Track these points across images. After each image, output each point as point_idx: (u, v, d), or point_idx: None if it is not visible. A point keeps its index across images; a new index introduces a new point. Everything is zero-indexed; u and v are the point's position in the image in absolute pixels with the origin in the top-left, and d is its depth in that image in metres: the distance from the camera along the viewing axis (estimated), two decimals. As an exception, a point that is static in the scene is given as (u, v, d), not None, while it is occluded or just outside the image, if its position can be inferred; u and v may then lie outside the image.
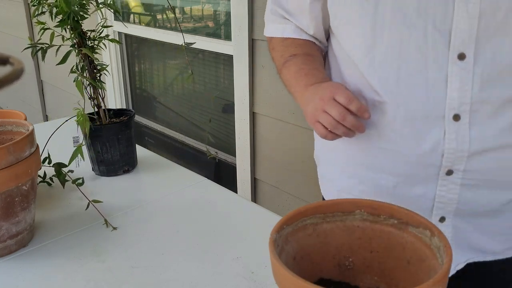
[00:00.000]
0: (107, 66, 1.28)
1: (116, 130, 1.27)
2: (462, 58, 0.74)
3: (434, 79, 0.76)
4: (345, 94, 0.79)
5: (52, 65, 1.32)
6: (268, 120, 1.85)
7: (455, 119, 0.77)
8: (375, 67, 0.81)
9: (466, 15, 0.72)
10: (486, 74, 0.74)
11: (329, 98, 0.79)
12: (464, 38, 0.73)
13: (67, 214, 1.13)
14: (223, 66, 2.20)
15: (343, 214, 0.69)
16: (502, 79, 0.74)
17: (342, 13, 0.84)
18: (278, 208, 1.93)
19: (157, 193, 1.22)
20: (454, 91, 0.76)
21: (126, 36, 2.73)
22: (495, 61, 0.73)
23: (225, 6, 2.13)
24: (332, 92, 0.80)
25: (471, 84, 0.75)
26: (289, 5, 0.95)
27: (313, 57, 0.93)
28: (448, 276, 0.55)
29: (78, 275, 0.91)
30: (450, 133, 0.78)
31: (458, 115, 0.77)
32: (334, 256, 0.69)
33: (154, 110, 2.77)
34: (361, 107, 0.79)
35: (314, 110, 0.82)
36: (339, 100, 0.79)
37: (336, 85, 0.83)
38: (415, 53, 0.76)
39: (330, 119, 0.79)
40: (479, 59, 0.74)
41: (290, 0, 0.95)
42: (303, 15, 0.93)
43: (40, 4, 1.17)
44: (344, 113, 0.78)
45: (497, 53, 0.73)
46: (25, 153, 0.94)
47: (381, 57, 0.80)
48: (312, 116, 0.83)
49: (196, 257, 0.96)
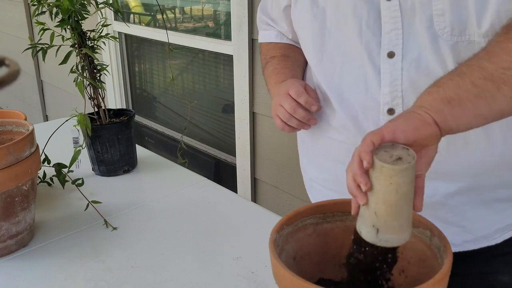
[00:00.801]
0: (107, 66, 1.28)
1: (116, 130, 1.27)
2: (392, 56, 0.79)
3: (371, 75, 0.81)
4: (295, 89, 0.87)
5: (52, 65, 1.32)
6: (268, 120, 1.85)
7: (390, 113, 0.81)
8: (323, 64, 0.87)
9: (390, 17, 0.78)
10: (414, 70, 0.78)
11: (284, 93, 0.88)
12: (391, 38, 0.78)
13: (67, 214, 1.13)
14: (223, 66, 2.20)
15: (343, 214, 0.69)
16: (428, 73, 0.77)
17: (296, 18, 0.91)
18: (278, 208, 1.93)
19: (157, 193, 1.22)
20: (386, 86, 0.80)
21: (126, 36, 2.73)
22: (420, 57, 0.77)
23: (225, 6, 2.13)
24: (287, 88, 0.88)
25: (401, 79, 0.79)
26: (273, 13, 1.03)
27: (288, 57, 1.01)
28: (448, 276, 0.55)
29: (78, 275, 0.91)
30: None
31: (392, 109, 0.81)
32: (334, 256, 0.69)
33: (154, 110, 2.77)
34: (308, 100, 0.86)
35: (274, 104, 0.91)
36: (291, 94, 0.87)
37: (293, 81, 0.90)
38: (354, 51, 0.82)
39: (284, 111, 0.87)
40: (407, 57, 0.78)
41: (274, 8, 1.02)
42: (282, 21, 1.01)
43: (40, 4, 1.17)
44: (294, 106, 0.86)
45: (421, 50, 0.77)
46: (25, 153, 0.94)
47: (328, 56, 0.86)
48: (273, 110, 0.91)
49: (196, 257, 0.96)
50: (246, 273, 0.91)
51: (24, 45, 1.23)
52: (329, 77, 0.87)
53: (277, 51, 1.03)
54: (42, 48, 1.20)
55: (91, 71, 1.25)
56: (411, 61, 0.78)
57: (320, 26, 0.85)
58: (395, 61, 0.79)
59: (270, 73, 1.00)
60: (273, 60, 1.02)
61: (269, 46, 1.05)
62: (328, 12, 0.84)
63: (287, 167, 1.84)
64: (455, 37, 0.74)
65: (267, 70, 1.02)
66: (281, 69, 0.98)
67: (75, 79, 1.23)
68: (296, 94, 0.86)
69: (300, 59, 1.02)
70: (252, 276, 0.90)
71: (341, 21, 0.83)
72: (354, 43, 0.82)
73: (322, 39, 0.86)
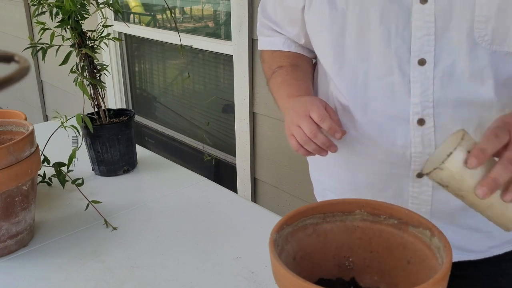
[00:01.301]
0: (107, 66, 1.28)
1: (116, 130, 1.27)
2: (423, 63, 0.75)
3: (399, 84, 0.78)
4: (318, 112, 0.79)
5: (52, 65, 1.32)
6: (268, 120, 1.85)
7: (420, 124, 0.78)
8: (344, 72, 0.83)
9: (423, 22, 0.74)
10: (447, 79, 0.75)
11: (304, 113, 0.80)
12: (423, 44, 0.75)
13: (67, 214, 1.13)
14: (223, 66, 2.20)
15: (343, 214, 0.69)
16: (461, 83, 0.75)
17: (313, 21, 0.86)
18: (278, 208, 1.93)
19: (157, 193, 1.22)
20: (416, 96, 0.77)
21: (126, 36, 2.73)
22: (454, 65, 0.74)
23: (225, 6, 2.13)
24: (308, 108, 0.81)
25: (432, 89, 0.76)
26: (278, 17, 0.96)
27: (298, 67, 0.95)
28: (448, 276, 0.55)
29: (78, 275, 0.91)
30: (415, 137, 0.79)
31: (422, 120, 0.78)
32: (334, 256, 0.69)
33: (154, 110, 2.77)
34: (332, 126, 0.79)
35: (289, 122, 0.83)
36: (313, 117, 0.79)
37: (313, 101, 0.83)
38: (380, 58, 0.78)
39: (302, 134, 0.80)
40: (439, 65, 0.75)
41: (278, 12, 0.95)
42: (292, 25, 0.94)
43: (40, 4, 1.17)
44: (315, 130, 0.79)
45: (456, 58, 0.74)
46: (25, 153, 0.94)
47: (350, 63, 0.82)
48: (288, 128, 0.84)
49: (196, 257, 0.96)
50: (246, 273, 0.91)
51: (24, 45, 1.23)
52: (351, 86, 0.83)
53: (285, 60, 0.97)
54: (42, 47, 1.20)
55: (91, 71, 1.25)
56: (444, 69, 0.75)
57: (340, 31, 0.81)
58: (427, 69, 0.75)
59: (280, 84, 0.94)
60: (281, 70, 0.95)
61: (275, 55, 0.99)
62: (349, 15, 0.79)
63: (287, 167, 1.84)
64: (495, 46, 0.72)
65: (274, 81, 0.96)
66: (292, 80, 0.93)
67: (75, 79, 1.23)
68: (319, 118, 0.79)
69: (309, 70, 0.97)
70: (252, 276, 0.90)
71: (364, 25, 0.78)
72: (380, 49, 0.78)
73: (342, 46, 0.81)
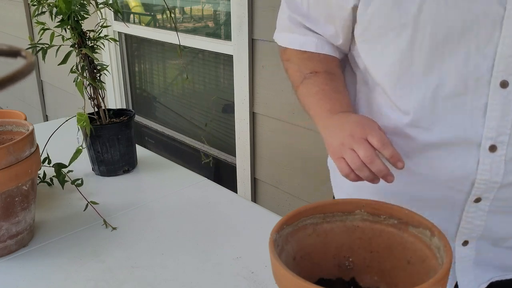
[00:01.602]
0: (107, 66, 1.28)
1: (116, 130, 1.27)
2: (505, 86, 0.68)
3: (473, 106, 0.71)
4: (379, 136, 0.72)
5: (52, 65, 1.32)
6: (268, 120, 1.85)
7: (491, 150, 0.72)
8: (407, 86, 0.75)
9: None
10: None
11: (361, 137, 0.72)
12: (508, 64, 0.67)
13: (67, 214, 1.13)
14: (223, 66, 2.20)
15: (343, 214, 0.69)
16: None
17: (373, 25, 0.76)
18: (278, 208, 1.93)
19: (157, 193, 1.22)
20: (493, 120, 0.70)
21: (126, 36, 2.73)
22: None
23: (225, 6, 2.13)
24: (365, 131, 0.73)
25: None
26: (312, 12, 0.84)
27: (335, 76, 0.86)
28: (448, 276, 0.55)
29: (78, 275, 0.91)
30: (484, 164, 0.73)
31: (494, 146, 0.71)
32: (334, 256, 0.69)
33: (154, 110, 2.77)
34: (395, 154, 0.71)
35: (340, 145, 0.74)
36: (371, 142, 0.71)
37: (369, 122, 0.75)
38: (455, 76, 0.70)
39: (356, 159, 0.72)
40: None
41: (313, 6, 0.84)
42: (330, 23, 0.83)
43: (40, 4, 1.17)
44: (373, 156, 0.71)
45: None
46: (25, 153, 0.94)
47: (416, 77, 0.73)
48: (337, 151, 0.75)
49: (196, 257, 0.96)
50: (246, 273, 0.91)
51: (24, 45, 1.22)
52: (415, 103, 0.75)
53: (319, 65, 0.86)
54: (42, 48, 1.20)
55: (91, 71, 1.25)
56: None
57: (409, 39, 0.71)
58: (509, 92, 0.68)
59: (316, 95, 0.84)
60: (316, 77, 0.85)
61: (305, 56, 0.88)
62: (422, 24, 0.69)
63: (287, 167, 1.83)
64: None
65: (307, 89, 0.85)
66: (331, 92, 0.83)
67: (75, 79, 1.23)
68: (381, 144, 0.71)
69: (343, 78, 0.87)
70: (252, 276, 0.90)
71: (439, 36, 0.69)
72: (455, 65, 0.70)
73: (410, 57, 0.72)
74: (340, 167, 0.75)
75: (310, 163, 1.72)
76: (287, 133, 1.79)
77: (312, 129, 1.67)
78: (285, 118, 1.77)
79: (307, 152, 1.73)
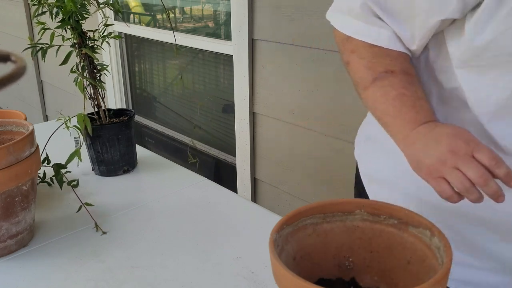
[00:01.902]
0: (107, 66, 1.28)
1: (116, 130, 1.27)
2: None
3: None
4: (488, 153, 0.63)
5: (52, 65, 1.32)
6: (268, 120, 1.85)
7: None
8: None
9: None
10: None
11: (466, 153, 0.63)
12: None
13: (67, 214, 1.13)
14: (223, 66, 2.20)
15: (343, 214, 0.69)
16: None
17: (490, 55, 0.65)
18: (278, 208, 1.93)
19: (157, 193, 1.22)
20: None
21: (126, 36, 2.73)
22: None
23: (225, 6, 2.13)
24: (469, 146, 0.64)
25: None
26: (397, 5, 0.72)
27: (413, 78, 0.74)
28: (448, 276, 0.55)
29: (78, 275, 0.91)
30: None
31: None
32: (334, 256, 0.69)
33: (154, 110, 2.77)
34: (510, 172, 0.62)
35: (438, 162, 0.65)
36: (481, 159, 0.63)
37: (468, 135, 0.66)
38: None
39: (465, 180, 0.63)
40: None
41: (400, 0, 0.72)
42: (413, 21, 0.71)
43: (41, 4, 1.17)
44: (486, 176, 0.62)
45: None
46: (25, 153, 0.94)
47: None
48: (435, 170, 0.66)
49: (196, 257, 0.96)
50: (246, 273, 0.91)
51: (24, 45, 1.23)
52: None
53: (394, 63, 0.74)
54: (42, 48, 1.20)
55: (91, 71, 1.25)
56: None
57: None
58: None
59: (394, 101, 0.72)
60: (392, 77, 0.73)
61: (376, 51, 0.75)
62: None
63: (287, 167, 1.84)
64: None
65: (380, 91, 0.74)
66: (413, 98, 0.72)
67: (75, 79, 1.23)
68: (493, 161, 0.62)
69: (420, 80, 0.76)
70: (252, 276, 0.90)
71: None
72: None
73: None
74: (440, 189, 0.66)
75: (310, 163, 1.72)
76: (287, 133, 1.79)
77: (312, 129, 1.67)
78: (285, 118, 1.77)
79: (307, 152, 1.73)
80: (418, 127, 0.70)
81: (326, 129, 1.62)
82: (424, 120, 0.70)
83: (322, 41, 1.54)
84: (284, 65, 1.70)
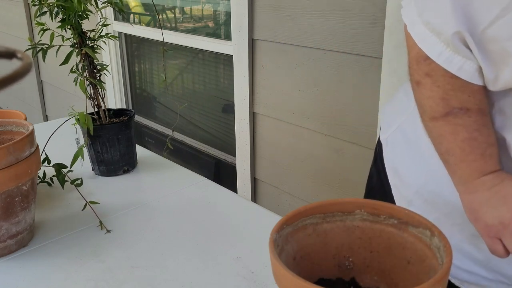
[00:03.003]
0: (107, 66, 1.28)
1: (116, 130, 1.27)
2: None
3: None
4: None
5: (52, 65, 1.32)
6: (268, 120, 1.85)
7: None
8: None
9: None
10: None
11: None
12: None
13: (67, 214, 1.13)
14: (223, 66, 2.20)
15: (343, 214, 0.69)
16: None
17: None
18: (278, 208, 1.93)
19: (157, 193, 1.22)
20: None
21: (126, 36, 2.73)
22: None
23: (225, 6, 2.13)
24: None
25: None
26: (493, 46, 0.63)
27: (488, 120, 0.68)
28: (448, 276, 0.55)
29: (78, 275, 0.91)
30: None
31: None
32: (334, 256, 0.69)
33: (154, 110, 2.77)
34: None
35: (500, 225, 0.64)
36: None
37: None
38: None
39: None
40: None
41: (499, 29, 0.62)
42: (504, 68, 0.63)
43: (41, 4, 1.17)
44: None
45: None
46: (25, 153, 0.94)
47: None
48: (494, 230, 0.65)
49: (196, 257, 0.96)
50: (246, 273, 0.91)
51: (24, 45, 1.22)
52: None
53: (471, 100, 0.67)
54: (42, 48, 1.20)
55: (91, 71, 1.25)
56: None
57: None
58: None
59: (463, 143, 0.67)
60: (467, 117, 0.67)
61: (456, 82, 0.67)
62: None
63: (287, 167, 1.84)
64: None
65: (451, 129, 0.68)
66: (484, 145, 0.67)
67: (75, 79, 1.23)
68: None
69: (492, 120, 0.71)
70: (252, 276, 0.90)
71: None
72: None
73: None
74: (494, 249, 0.65)
75: (310, 163, 1.72)
76: (287, 133, 1.79)
77: (312, 129, 1.67)
78: (285, 118, 1.77)
79: (307, 152, 1.73)
80: (483, 176, 0.67)
81: (326, 129, 1.62)
82: (490, 169, 0.67)
83: (322, 41, 1.55)
84: (284, 65, 1.70)
